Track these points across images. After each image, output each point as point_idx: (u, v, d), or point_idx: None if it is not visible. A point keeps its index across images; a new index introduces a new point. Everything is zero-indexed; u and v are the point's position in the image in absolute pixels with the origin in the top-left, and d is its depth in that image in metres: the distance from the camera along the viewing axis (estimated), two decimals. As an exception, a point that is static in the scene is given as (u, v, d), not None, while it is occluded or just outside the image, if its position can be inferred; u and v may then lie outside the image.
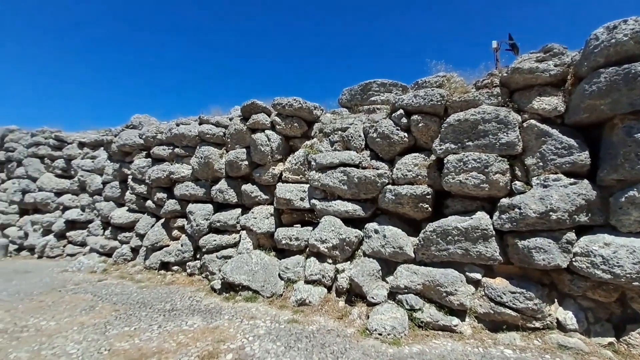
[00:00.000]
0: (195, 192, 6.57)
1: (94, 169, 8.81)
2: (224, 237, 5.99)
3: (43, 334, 3.85)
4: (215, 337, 3.65)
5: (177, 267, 6.48)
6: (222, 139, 6.64)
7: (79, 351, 3.42)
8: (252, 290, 4.92)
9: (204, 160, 6.46)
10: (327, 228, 4.97)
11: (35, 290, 5.55)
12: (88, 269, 6.89)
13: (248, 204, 6.19)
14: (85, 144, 9.51)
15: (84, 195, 8.86)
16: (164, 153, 7.31)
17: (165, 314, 4.43)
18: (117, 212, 7.67)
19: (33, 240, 8.81)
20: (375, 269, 4.52)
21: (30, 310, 4.61)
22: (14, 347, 3.52)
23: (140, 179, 7.48)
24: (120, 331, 3.87)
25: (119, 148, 8.08)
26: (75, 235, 8.44)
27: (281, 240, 5.43)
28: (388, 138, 4.90)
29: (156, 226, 6.98)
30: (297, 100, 5.97)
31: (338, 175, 5.15)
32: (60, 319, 4.25)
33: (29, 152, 9.88)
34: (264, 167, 6.08)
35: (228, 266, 5.18)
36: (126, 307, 4.68)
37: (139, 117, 8.64)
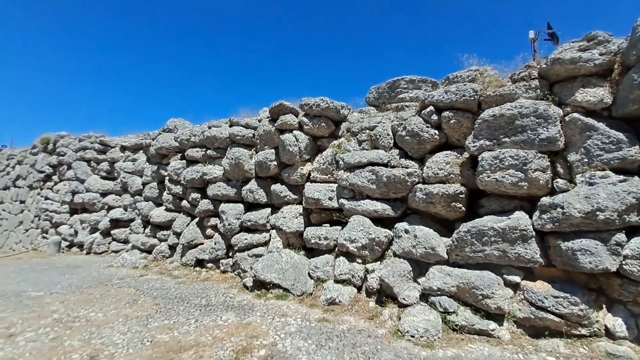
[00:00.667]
0: (227, 192, 6.79)
1: (134, 171, 9.37)
2: (254, 236, 6.16)
3: (92, 324, 4.15)
4: (248, 333, 3.76)
5: (211, 265, 6.75)
6: (252, 140, 6.82)
7: (124, 341, 3.66)
8: (282, 289, 5.01)
9: (234, 161, 6.66)
10: (356, 227, 4.95)
11: (85, 283, 6.01)
12: (130, 264, 7.36)
13: (277, 204, 6.31)
14: (126, 147, 10.13)
15: (126, 196, 9.46)
16: (197, 155, 7.62)
17: (201, 309, 4.63)
18: (155, 212, 8.12)
19: (82, 237, 9.55)
20: (406, 270, 4.45)
21: (81, 302, 4.99)
22: (67, 336, 3.83)
23: (176, 180, 7.85)
24: (161, 324, 4.10)
25: (157, 151, 8.53)
26: (119, 233, 9.05)
27: (310, 240, 5.48)
28: (418, 136, 4.79)
29: (191, 225, 7.30)
30: (324, 100, 5.99)
31: (366, 174, 5.12)
32: (107, 311, 4.57)
33: (77, 155, 10.68)
34: (293, 167, 6.16)
35: (259, 264, 5.32)
36: (165, 302, 4.95)
37: (174, 121, 9.06)
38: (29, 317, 4.40)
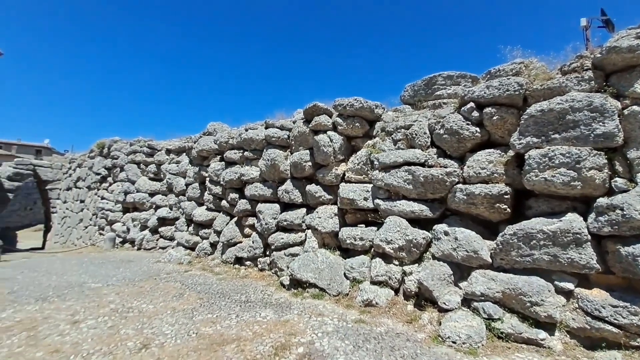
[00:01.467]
0: (264, 192, 7.00)
1: (178, 172, 9.95)
2: (290, 235, 6.29)
3: (144, 315, 4.48)
4: (286, 330, 3.86)
5: (250, 263, 6.99)
6: (287, 141, 6.96)
7: (172, 332, 3.91)
8: (318, 288, 5.07)
9: (270, 162, 6.84)
10: (392, 228, 4.88)
11: (137, 277, 6.50)
12: (176, 260, 7.84)
13: (312, 204, 6.39)
14: (171, 150, 10.79)
15: (171, 196, 10.07)
16: (235, 156, 7.92)
17: (241, 304, 4.82)
18: (197, 211, 8.57)
19: (133, 234, 10.34)
20: (447, 273, 4.30)
21: (133, 294, 5.41)
22: (123, 325, 4.16)
23: (216, 180, 8.23)
24: (205, 317, 4.33)
25: (198, 153, 8.99)
26: (165, 231, 9.67)
27: (345, 240, 5.49)
28: (457, 134, 4.62)
29: (230, 224, 7.62)
30: (357, 100, 5.97)
31: (402, 174, 5.02)
32: (157, 303, 4.91)
33: (129, 159, 11.57)
34: (327, 167, 6.20)
35: (295, 263, 5.43)
36: (208, 296, 5.21)
37: (213, 125, 9.49)
38: (89, 306, 4.84)
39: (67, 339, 3.76)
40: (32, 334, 3.91)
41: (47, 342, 3.70)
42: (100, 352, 3.44)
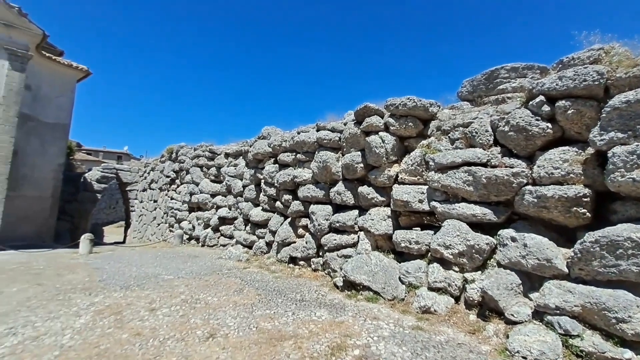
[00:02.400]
0: (316, 194, 7.14)
1: (236, 174, 10.60)
2: (343, 237, 6.33)
3: (209, 306, 4.86)
4: (341, 332, 3.90)
5: (303, 262, 7.19)
6: (338, 143, 7.02)
7: (234, 324, 4.18)
8: (372, 291, 5.03)
9: (322, 164, 6.96)
10: (451, 233, 4.65)
11: (202, 271, 7.08)
12: (235, 257, 8.37)
13: (365, 206, 6.36)
14: (229, 154, 11.53)
15: (230, 197, 10.77)
16: (288, 159, 8.20)
17: (296, 303, 4.99)
18: (254, 211, 9.04)
19: (198, 232, 11.26)
20: (514, 283, 3.97)
21: (199, 287, 5.89)
22: (192, 314, 4.56)
23: (270, 182, 8.60)
24: (263, 313, 4.56)
25: (253, 156, 9.48)
26: (225, 229, 10.36)
27: (400, 243, 5.37)
28: (525, 130, 4.25)
29: (284, 224, 7.91)
30: (410, 99, 5.80)
31: (461, 175, 4.77)
32: (220, 297, 5.29)
33: (193, 162, 12.62)
34: (379, 169, 6.12)
35: (348, 265, 5.46)
36: (266, 293, 5.48)
37: (267, 129, 9.92)
38: (163, 295, 5.38)
39: (147, 324, 4.22)
40: (119, 317, 4.47)
41: (131, 325, 4.19)
42: (173, 338, 3.80)
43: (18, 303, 4.95)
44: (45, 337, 3.81)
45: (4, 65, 10.14)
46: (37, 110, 12.46)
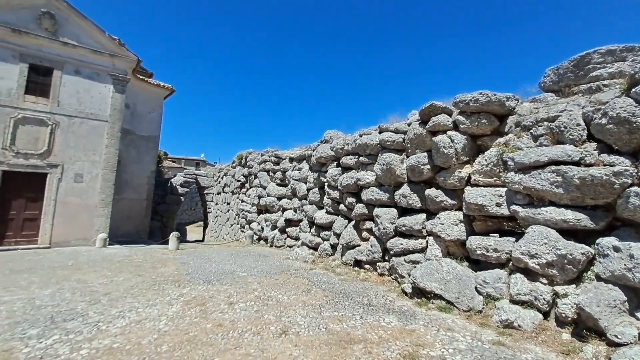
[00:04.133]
0: (380, 197, 7.03)
1: (300, 178, 11.00)
2: (410, 241, 6.12)
3: (280, 304, 5.12)
4: (413, 340, 3.78)
5: (369, 266, 7.13)
6: (402, 144, 6.83)
7: (305, 323, 4.33)
8: (445, 300, 4.77)
9: (385, 167, 6.84)
10: (537, 240, 4.18)
11: (272, 270, 7.49)
12: (302, 258, 8.68)
13: (433, 209, 6.07)
14: (293, 158, 12.02)
15: (295, 200, 11.21)
16: (351, 162, 8.24)
17: (363, 307, 4.97)
18: (318, 214, 9.27)
19: (266, 233, 11.95)
20: (618, 299, 3.42)
21: (270, 285, 6.24)
22: (265, 311, 4.85)
23: (334, 185, 8.73)
24: (331, 314, 4.65)
25: (316, 160, 9.74)
26: (291, 231, 10.82)
27: (475, 250, 4.99)
28: (627, 122, 3.64)
29: (348, 227, 7.95)
30: (483, 94, 5.39)
31: (548, 175, 4.26)
32: (290, 295, 5.54)
33: (260, 167, 13.44)
34: (449, 170, 5.80)
35: (417, 271, 5.26)
36: (333, 295, 5.57)
37: (329, 133, 10.11)
38: (239, 291, 5.82)
39: (226, 317, 4.62)
40: (203, 308, 4.96)
41: (213, 317, 4.62)
42: (250, 332, 4.09)
43: (124, 290, 5.83)
44: (146, 321, 4.42)
45: (109, 88, 12.08)
46: (134, 125, 14.57)
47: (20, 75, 10.47)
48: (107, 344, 3.72)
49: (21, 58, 10.52)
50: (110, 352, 3.53)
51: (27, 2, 10.62)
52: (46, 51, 10.92)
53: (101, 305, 5.01)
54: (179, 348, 3.62)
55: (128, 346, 3.68)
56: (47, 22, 10.83)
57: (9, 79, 10.31)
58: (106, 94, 12.03)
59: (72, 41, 11.33)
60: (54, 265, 7.89)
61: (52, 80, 11.01)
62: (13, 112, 10.28)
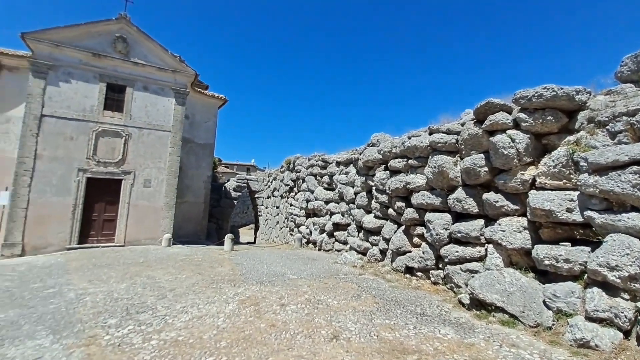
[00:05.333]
0: (432, 201, 6.75)
1: (347, 182, 10.99)
2: (466, 249, 5.77)
3: (330, 309, 5.15)
4: (472, 355, 3.56)
5: (421, 274, 6.86)
6: (455, 146, 6.51)
7: (355, 329, 4.30)
8: (508, 314, 4.41)
9: (437, 170, 6.55)
10: (617, 250, 3.69)
11: (321, 274, 7.57)
12: (350, 263, 8.65)
13: (492, 215, 5.66)
14: (340, 162, 12.06)
15: (342, 204, 11.23)
16: (399, 165, 8.03)
17: (417, 316, 4.80)
18: (366, 218, 9.17)
19: (314, 236, 12.13)
20: None
21: (320, 288, 6.31)
22: (315, 314, 4.91)
23: (382, 189, 8.57)
24: (383, 322, 4.56)
25: (364, 164, 9.66)
26: (339, 235, 10.84)
27: (543, 260, 4.54)
28: None
29: (398, 232, 7.74)
30: (547, 88, 4.94)
31: (629, 177, 3.76)
32: (339, 300, 5.55)
33: (308, 172, 13.70)
34: (509, 172, 5.38)
35: (476, 281, 4.93)
36: (383, 302, 5.46)
37: (376, 136, 9.98)
38: (290, 293, 5.97)
39: (279, 317, 4.77)
40: (256, 308, 5.18)
41: (266, 317, 4.81)
42: (302, 334, 4.18)
43: (187, 287, 6.33)
44: (206, 317, 4.74)
45: (171, 101, 13.28)
46: (192, 134, 15.80)
47: (100, 93, 12.00)
48: (173, 337, 4.07)
49: (100, 78, 12.06)
50: (176, 345, 3.85)
51: (105, 29, 12.15)
52: (120, 71, 12.37)
53: (167, 300, 5.49)
54: (236, 345, 3.83)
55: (191, 340, 3.98)
56: (120, 45, 12.28)
57: (92, 97, 11.87)
58: (169, 106, 13.25)
59: (142, 61, 12.69)
60: (128, 262, 8.85)
61: (125, 97, 12.44)
62: (95, 126, 11.79)
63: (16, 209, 10.52)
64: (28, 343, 3.94)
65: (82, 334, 4.19)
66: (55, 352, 3.69)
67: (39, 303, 5.46)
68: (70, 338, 4.07)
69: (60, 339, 4.03)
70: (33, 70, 11.06)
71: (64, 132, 11.33)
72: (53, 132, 11.18)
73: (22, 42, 11.01)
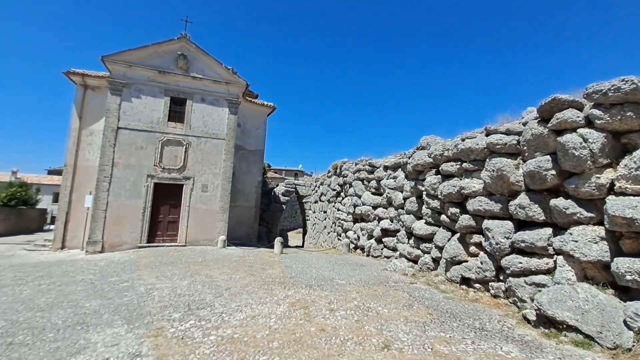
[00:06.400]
0: (490, 207, 6.31)
1: (395, 187, 10.73)
2: (531, 260, 5.27)
3: (381, 317, 5.04)
4: (540, 377, 3.24)
5: (479, 285, 6.42)
6: (516, 147, 6.04)
7: (408, 340, 4.15)
8: (582, 334, 3.93)
9: (496, 173, 6.12)
10: None
11: (370, 280, 7.46)
12: (400, 271, 8.39)
13: (561, 223, 5.12)
14: (387, 167, 11.83)
15: (391, 209, 10.97)
16: (452, 169, 7.64)
17: (475, 331, 4.50)
18: (417, 224, 8.84)
19: (362, 242, 12.01)
20: None
21: (369, 295, 6.21)
22: (365, 321, 4.83)
23: (433, 194, 8.22)
24: (437, 335, 4.34)
25: (413, 168, 9.35)
26: (388, 241, 10.59)
27: (624, 275, 3.99)
28: None
29: (452, 240, 7.33)
30: (627, 80, 4.41)
31: None
32: (390, 309, 5.41)
33: (354, 176, 13.64)
34: (582, 175, 4.85)
35: (544, 296, 4.47)
36: (438, 314, 5.21)
37: (426, 138, 9.61)
38: (339, 298, 5.96)
39: (328, 322, 4.78)
40: (306, 312, 5.26)
41: (316, 321, 4.85)
42: (352, 341, 4.14)
43: (241, 287, 6.65)
44: (259, 317, 4.93)
45: (225, 111, 14.17)
46: (244, 141, 16.66)
47: (165, 106, 13.23)
48: (229, 334, 4.30)
49: (165, 93, 13.31)
50: (232, 342, 4.07)
51: (169, 49, 13.40)
52: (181, 85, 13.54)
53: (223, 299, 5.83)
54: (288, 347, 3.93)
55: (246, 338, 4.18)
56: (181, 62, 13.44)
57: (158, 110, 13.14)
58: (223, 116, 14.15)
59: (199, 75, 13.76)
60: (189, 261, 9.57)
61: (186, 108, 13.57)
62: (161, 136, 13.02)
63: (97, 211, 11.99)
64: (107, 330, 4.46)
65: (151, 325, 4.62)
66: (129, 341, 4.12)
67: (116, 295, 6.15)
68: (141, 328, 4.51)
69: (133, 329, 4.49)
70: (111, 88, 12.59)
71: (135, 142, 12.69)
72: (127, 143, 12.59)
73: (101, 64, 12.60)
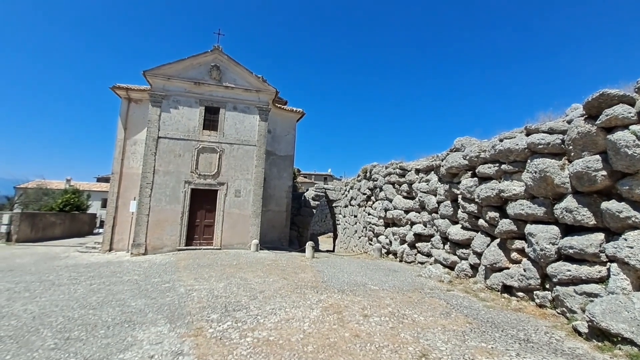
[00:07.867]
0: (533, 211, 5.95)
1: (428, 190, 10.43)
2: (581, 267, 4.90)
3: (417, 325, 4.91)
4: (596, 395, 2.99)
5: (522, 294, 6.05)
6: (560, 147, 5.69)
7: (446, 350, 4.01)
8: (638, 347, 3.59)
9: (538, 175, 5.78)
10: None
11: (404, 287, 7.29)
12: (436, 277, 8.11)
13: (614, 227, 4.73)
14: (419, 170, 11.54)
15: (424, 213, 10.67)
16: (490, 171, 7.32)
17: (520, 342, 4.24)
18: (452, 229, 8.53)
19: (394, 247, 11.77)
20: None
21: (404, 302, 6.07)
22: (400, 329, 4.74)
23: (469, 198, 7.90)
24: (478, 345, 4.15)
25: (447, 170, 9.06)
26: (422, 246, 10.29)
27: (694, 287, 3.60)
28: None
29: (492, 246, 6.99)
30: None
31: None
32: (426, 316, 5.25)
33: (385, 180, 13.44)
34: (636, 176, 4.50)
35: (596, 307, 4.13)
36: (478, 323, 4.98)
37: (460, 140, 9.29)
38: (372, 304, 5.88)
39: (362, 328, 4.74)
40: (339, 317, 5.24)
41: (350, 326, 4.82)
42: (387, 348, 4.07)
43: (274, 290, 6.77)
44: (293, 321, 4.99)
45: (256, 118, 14.60)
46: (274, 147, 17.02)
47: (200, 115, 13.88)
48: (265, 336, 4.39)
49: (200, 102, 13.96)
50: (267, 344, 4.15)
51: (203, 61, 14.08)
52: (215, 95, 14.14)
53: (258, 301, 5.96)
54: (322, 351, 3.94)
55: (281, 341, 4.24)
56: (215, 72, 14.06)
57: (194, 119, 13.80)
58: (254, 123, 14.57)
59: (231, 84, 14.30)
60: (224, 264, 9.90)
61: (219, 117, 14.14)
62: (196, 144, 13.66)
63: (141, 215, 12.77)
64: (152, 329, 4.72)
65: (191, 325, 4.84)
66: (172, 339, 4.34)
67: (159, 295, 6.50)
68: (182, 328, 4.73)
69: (175, 328, 4.72)
70: (152, 100, 13.43)
71: (174, 150, 13.42)
72: (166, 151, 13.34)
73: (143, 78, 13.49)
